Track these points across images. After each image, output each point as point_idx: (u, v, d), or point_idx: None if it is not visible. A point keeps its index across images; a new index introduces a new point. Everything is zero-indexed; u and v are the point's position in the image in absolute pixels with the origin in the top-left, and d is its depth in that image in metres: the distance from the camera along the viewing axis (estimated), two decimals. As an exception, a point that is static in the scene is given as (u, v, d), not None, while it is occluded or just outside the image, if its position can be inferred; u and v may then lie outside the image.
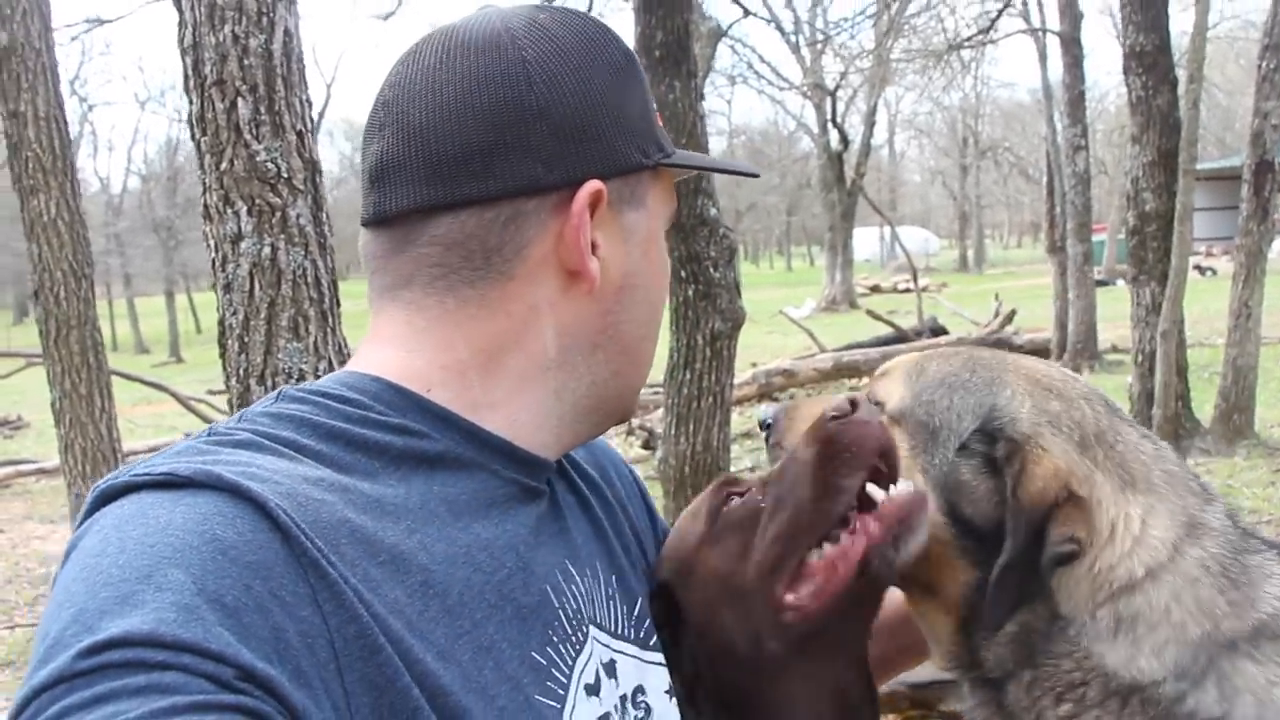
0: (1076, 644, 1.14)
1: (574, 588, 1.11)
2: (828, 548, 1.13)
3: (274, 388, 3.10)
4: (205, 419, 12.60)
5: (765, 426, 1.46)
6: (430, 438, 1.03)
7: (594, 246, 1.06)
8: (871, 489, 1.14)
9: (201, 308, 47.04)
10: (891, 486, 1.14)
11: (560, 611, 1.07)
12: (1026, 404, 1.21)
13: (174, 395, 12.89)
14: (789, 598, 1.14)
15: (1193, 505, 1.19)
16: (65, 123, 6.09)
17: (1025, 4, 19.49)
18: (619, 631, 1.17)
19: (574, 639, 1.07)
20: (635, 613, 1.21)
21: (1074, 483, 1.14)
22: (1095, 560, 1.14)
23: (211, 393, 13.74)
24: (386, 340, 1.09)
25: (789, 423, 1.44)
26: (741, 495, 1.25)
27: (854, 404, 1.17)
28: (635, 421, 11.67)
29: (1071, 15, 15.81)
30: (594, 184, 1.05)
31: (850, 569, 1.11)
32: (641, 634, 1.20)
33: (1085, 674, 1.13)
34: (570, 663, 1.05)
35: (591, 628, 1.11)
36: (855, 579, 1.12)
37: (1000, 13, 19.21)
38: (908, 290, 23.61)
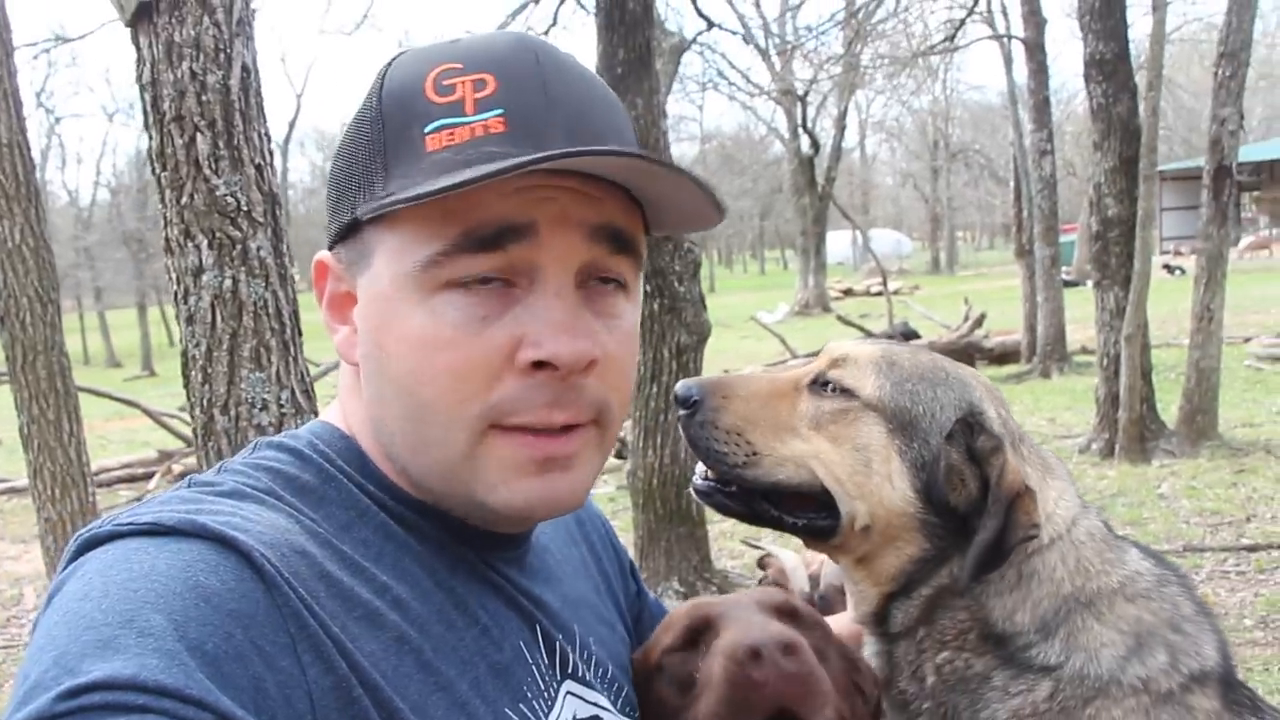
0: (975, 599, 1.29)
1: (548, 644, 1.12)
2: None
3: (237, 417, 3.14)
4: (176, 434, 12.53)
5: (687, 403, 1.36)
6: (392, 501, 1.04)
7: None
8: None
9: (174, 320, 46.48)
10: None
11: (534, 668, 1.08)
12: (990, 407, 1.35)
13: (145, 411, 12.83)
14: None
15: (1074, 488, 1.40)
16: (28, 148, 6.06)
17: (990, 10, 19.66)
18: (597, 687, 1.18)
19: (546, 695, 1.08)
20: (608, 674, 1.22)
21: (1025, 477, 1.30)
22: None
23: (183, 408, 13.63)
24: (344, 390, 1.13)
25: (722, 402, 1.36)
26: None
27: (758, 653, 1.11)
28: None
29: (1035, 22, 15.96)
30: (318, 257, 1.08)
31: None
32: (612, 694, 1.21)
33: (973, 622, 1.29)
34: (542, 719, 1.06)
35: (569, 683, 1.12)
36: None
37: (965, 20, 19.37)
38: (880, 293, 23.75)
